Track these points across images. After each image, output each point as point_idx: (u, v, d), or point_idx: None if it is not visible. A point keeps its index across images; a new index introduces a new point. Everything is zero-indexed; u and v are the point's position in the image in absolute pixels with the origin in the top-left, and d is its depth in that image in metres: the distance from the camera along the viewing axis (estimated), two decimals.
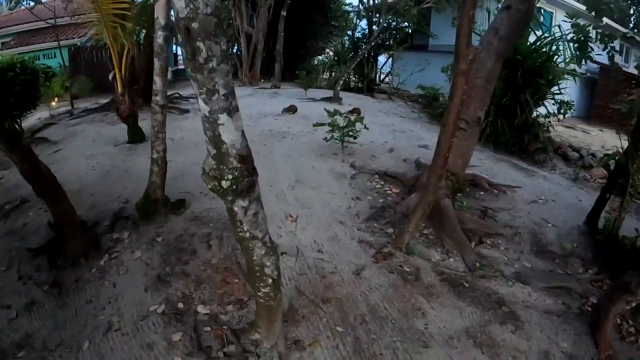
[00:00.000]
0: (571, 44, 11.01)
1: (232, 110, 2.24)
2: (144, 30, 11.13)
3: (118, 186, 6.62)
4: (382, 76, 25.34)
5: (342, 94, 15.11)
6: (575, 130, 15.34)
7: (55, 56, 15.34)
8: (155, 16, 5.24)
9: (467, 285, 4.71)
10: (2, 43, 19.35)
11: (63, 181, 6.81)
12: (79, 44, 16.80)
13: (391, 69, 24.39)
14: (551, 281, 4.96)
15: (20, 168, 4.22)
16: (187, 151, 8.05)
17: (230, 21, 20.39)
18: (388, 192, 6.65)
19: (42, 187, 4.48)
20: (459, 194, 6.39)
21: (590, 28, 6.31)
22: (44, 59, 17.80)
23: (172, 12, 5.35)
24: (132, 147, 8.58)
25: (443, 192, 6.00)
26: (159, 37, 5.26)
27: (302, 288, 4.33)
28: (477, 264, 5.02)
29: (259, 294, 3.10)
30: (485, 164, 8.67)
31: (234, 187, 2.38)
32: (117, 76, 7.84)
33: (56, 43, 14.20)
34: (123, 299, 4.27)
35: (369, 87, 19.36)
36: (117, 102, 8.39)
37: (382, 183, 6.91)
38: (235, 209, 2.52)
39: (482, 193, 7.07)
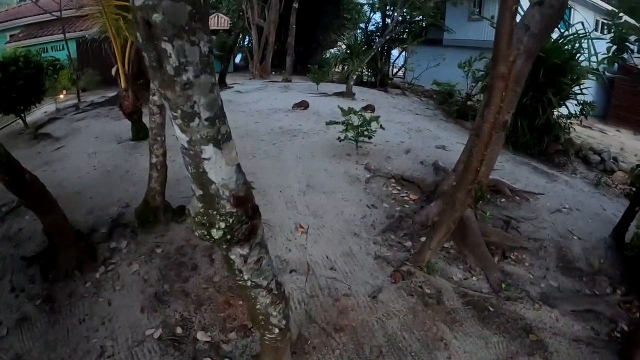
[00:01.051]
0: (592, 42, 10.48)
1: (221, 140, 1.70)
2: None
3: (119, 188, 6.21)
4: (395, 70, 24.74)
5: (355, 89, 14.56)
6: (592, 130, 14.71)
7: (63, 48, 14.94)
8: None
9: (491, 309, 4.24)
10: (10, 35, 19.22)
11: (62, 182, 6.54)
12: (86, 36, 16.41)
13: (404, 63, 23.76)
14: (579, 304, 4.51)
15: (2, 180, 3.75)
16: None
17: (241, 13, 19.84)
18: (405, 198, 6.16)
19: (28, 198, 4.04)
20: (480, 202, 5.91)
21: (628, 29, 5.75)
22: (52, 51, 17.59)
23: None
24: (135, 145, 8.15)
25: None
26: None
27: (312, 313, 3.88)
28: (503, 285, 4.55)
29: (264, 337, 2.62)
30: (506, 167, 8.14)
31: (229, 236, 1.85)
32: (120, 70, 7.39)
33: (71, 34, 13.81)
34: (118, 320, 3.89)
35: (382, 81, 18.78)
36: (121, 97, 7.95)
37: (399, 188, 6.42)
38: (233, 257, 2.00)
39: (503, 200, 6.56)
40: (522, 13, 5.68)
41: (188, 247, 4.75)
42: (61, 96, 13.77)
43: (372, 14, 23.88)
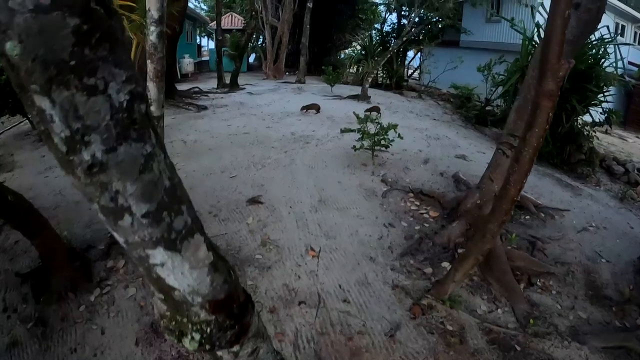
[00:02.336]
0: (618, 48, 9.90)
1: (178, 239, 1.10)
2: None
3: None
4: (410, 72, 24.17)
5: (370, 92, 14.06)
6: (612, 137, 14.09)
7: None
8: (147, 7, 4.29)
9: (518, 348, 3.76)
10: None
11: (63, 190, 6.18)
12: None
13: (419, 64, 23.20)
14: (609, 340, 4.04)
15: None
16: (199, 157, 7.22)
17: (254, 12, 19.42)
18: (425, 215, 5.68)
19: (13, 220, 3.66)
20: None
21: None
22: None
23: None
24: None
25: None
26: (152, 33, 4.29)
27: (322, 354, 3.43)
28: (531, 321, 4.07)
29: None
30: (529, 179, 7.54)
31: (207, 346, 1.32)
32: None
33: None
34: (111, 352, 3.50)
35: (398, 83, 18.24)
36: None
37: (418, 204, 5.94)
38: (220, 353, 1.45)
39: (528, 217, 6.06)
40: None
41: None
42: None
43: (388, 15, 23.25)
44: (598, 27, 10.17)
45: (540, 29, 9.79)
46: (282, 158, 7.19)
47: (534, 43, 10.20)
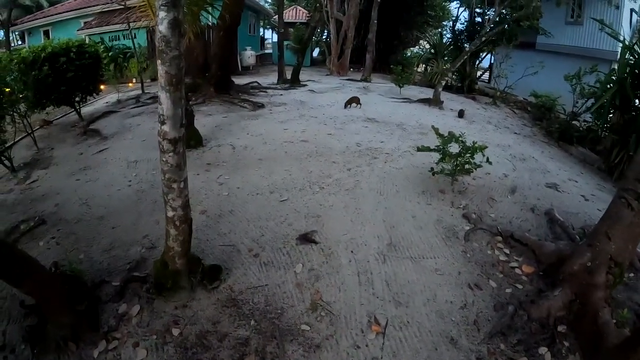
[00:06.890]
0: None
1: None
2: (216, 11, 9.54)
3: (148, 218, 4.84)
4: (479, 73, 22.26)
5: (442, 95, 12.50)
6: None
7: (136, 36, 14.31)
8: None
9: None
10: (84, 22, 19.56)
11: (89, 200, 5.29)
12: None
13: (490, 66, 21.25)
14: None
15: None
16: (246, 170, 6.14)
17: (318, 4, 18.19)
18: (517, 271, 4.25)
19: None
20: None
21: None
22: (124, 39, 17.37)
23: None
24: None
25: (602, 296, 3.66)
26: (162, 21, 2.92)
27: None
28: None
29: None
30: None
31: None
32: None
33: (137, 23, 13.03)
34: None
35: (470, 87, 16.50)
36: None
37: (508, 252, 4.54)
38: None
39: (632, 276, 4.43)
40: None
41: (214, 335, 3.23)
42: (130, 85, 13.25)
43: (461, 12, 21.35)
44: None
45: None
46: (345, 178, 5.90)
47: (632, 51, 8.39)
